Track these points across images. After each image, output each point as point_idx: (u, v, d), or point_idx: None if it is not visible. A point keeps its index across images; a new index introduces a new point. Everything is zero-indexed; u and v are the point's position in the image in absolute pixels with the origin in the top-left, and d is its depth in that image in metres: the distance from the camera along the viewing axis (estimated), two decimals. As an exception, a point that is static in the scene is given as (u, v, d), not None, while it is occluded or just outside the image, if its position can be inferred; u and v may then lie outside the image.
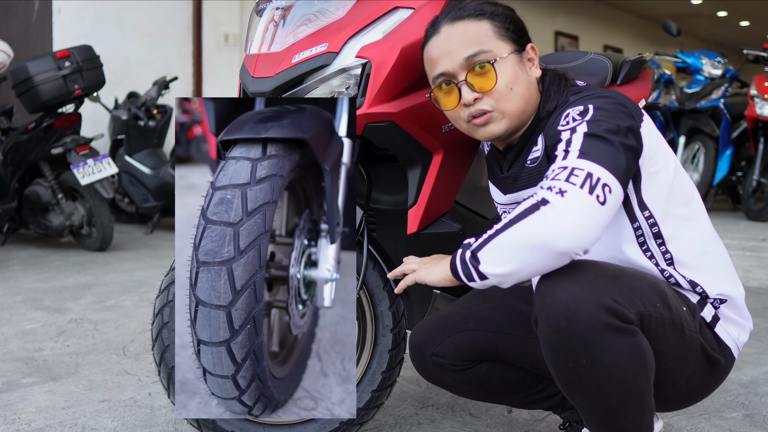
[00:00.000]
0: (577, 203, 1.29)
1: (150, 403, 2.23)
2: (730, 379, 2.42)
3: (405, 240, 1.78)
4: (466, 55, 1.48)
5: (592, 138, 1.37)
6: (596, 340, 1.30)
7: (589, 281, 1.31)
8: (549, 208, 1.29)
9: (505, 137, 1.55)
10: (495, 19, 1.50)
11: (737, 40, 16.75)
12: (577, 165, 1.33)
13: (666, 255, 1.51)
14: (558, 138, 1.41)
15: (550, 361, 1.37)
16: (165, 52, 7.43)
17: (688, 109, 7.13)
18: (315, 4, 1.71)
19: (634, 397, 1.35)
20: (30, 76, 4.75)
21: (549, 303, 1.32)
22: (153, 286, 3.98)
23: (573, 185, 1.30)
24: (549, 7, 13.06)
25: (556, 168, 1.36)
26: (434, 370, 1.68)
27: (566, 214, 1.28)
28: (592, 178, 1.31)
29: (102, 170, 4.83)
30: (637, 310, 1.34)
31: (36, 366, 2.59)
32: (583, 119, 1.40)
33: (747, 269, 4.46)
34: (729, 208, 7.88)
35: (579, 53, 1.96)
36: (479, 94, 1.48)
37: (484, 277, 1.37)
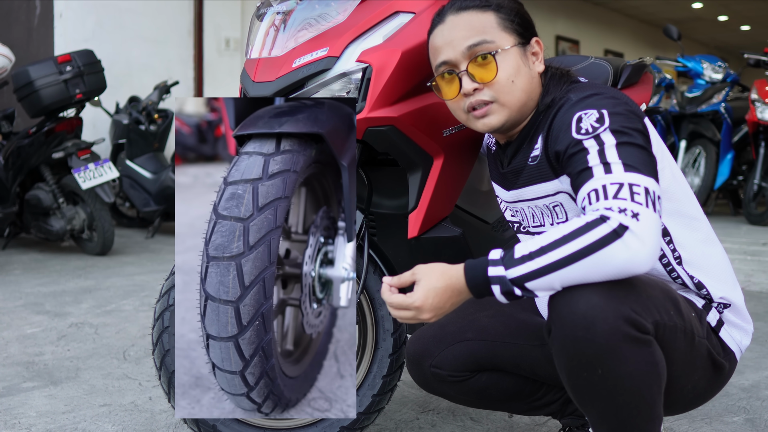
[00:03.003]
0: (651, 225, 1.25)
1: (150, 408, 2.22)
2: (731, 384, 2.42)
3: (405, 244, 1.78)
4: (468, 44, 1.47)
5: (625, 147, 1.33)
6: (613, 351, 1.27)
7: (607, 290, 1.28)
8: (630, 236, 1.23)
9: (504, 130, 1.53)
10: (500, 11, 1.50)
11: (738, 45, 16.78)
12: (632, 180, 1.29)
13: (675, 253, 1.50)
14: (580, 146, 1.36)
15: (564, 370, 1.35)
16: (166, 57, 7.44)
17: (689, 113, 7.14)
18: (316, 8, 1.71)
19: (646, 407, 1.34)
20: (31, 81, 4.76)
21: (566, 313, 1.29)
22: (154, 290, 3.97)
23: (641, 205, 1.26)
24: (550, 11, 13.07)
25: (607, 184, 1.30)
26: (433, 381, 1.66)
27: (646, 242, 1.23)
28: (649, 192, 1.28)
29: (103, 174, 4.84)
30: (653, 320, 1.32)
31: (36, 370, 2.59)
32: (604, 126, 1.36)
33: (748, 273, 4.45)
34: (730, 212, 7.88)
35: (580, 57, 1.96)
36: (479, 84, 1.47)
37: (533, 295, 1.31)
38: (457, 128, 1.74)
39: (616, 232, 1.23)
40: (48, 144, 4.94)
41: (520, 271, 1.28)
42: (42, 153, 4.96)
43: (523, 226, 1.66)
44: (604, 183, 1.30)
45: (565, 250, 1.25)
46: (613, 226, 1.23)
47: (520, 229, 1.69)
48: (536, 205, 1.56)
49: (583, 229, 1.25)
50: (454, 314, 1.67)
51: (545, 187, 1.51)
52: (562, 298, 1.30)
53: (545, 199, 1.53)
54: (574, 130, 1.39)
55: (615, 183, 1.29)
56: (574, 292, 1.29)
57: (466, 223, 1.89)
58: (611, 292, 1.28)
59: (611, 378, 1.30)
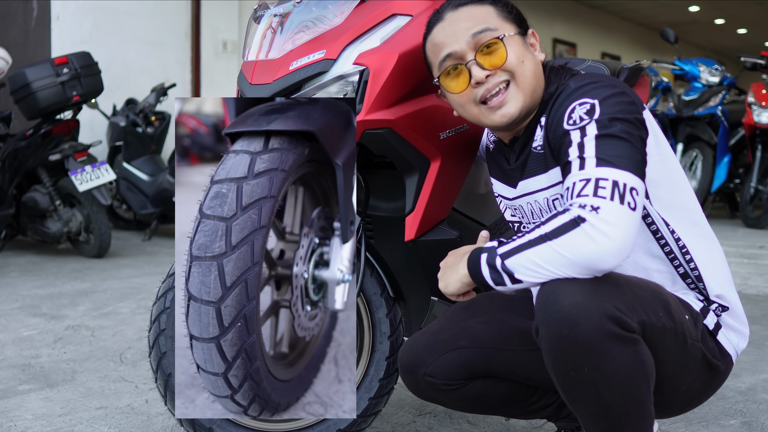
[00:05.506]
0: (615, 218, 1.27)
1: (147, 411, 2.22)
2: (728, 387, 2.42)
3: (402, 247, 1.78)
4: (472, 32, 1.47)
5: (604, 139, 1.35)
6: (598, 349, 1.29)
7: (591, 289, 1.29)
8: (589, 227, 1.26)
9: (518, 121, 1.52)
10: (497, 4, 1.52)
11: (735, 48, 16.80)
12: (600, 175, 1.31)
13: (679, 242, 1.51)
14: (567, 138, 1.39)
15: (552, 369, 1.36)
16: (163, 59, 7.44)
17: (686, 116, 7.15)
18: (313, 11, 1.71)
19: (635, 405, 1.34)
20: (28, 83, 4.75)
21: (551, 311, 1.31)
22: (150, 293, 3.97)
23: (603, 199, 1.28)
24: (547, 14, 13.09)
25: (577, 181, 1.33)
26: (427, 390, 1.64)
27: (611, 234, 1.26)
28: (618, 186, 1.30)
29: (100, 177, 4.83)
30: (639, 319, 1.33)
31: (33, 373, 2.59)
32: (591, 118, 1.38)
33: (745, 276, 4.46)
34: (727, 215, 7.89)
35: (577, 60, 1.96)
36: (491, 70, 1.47)
37: (517, 282, 1.35)
38: (455, 131, 1.74)
39: (574, 221, 1.28)
40: (45, 146, 4.94)
41: (505, 248, 1.36)
42: (39, 155, 4.95)
43: (523, 225, 1.67)
44: (574, 180, 1.34)
45: (536, 233, 1.33)
46: (572, 216, 1.29)
47: (520, 229, 1.69)
48: (536, 200, 1.57)
49: (551, 217, 1.32)
50: (446, 321, 1.66)
51: (549, 176, 1.52)
52: (547, 297, 1.32)
53: (548, 190, 1.53)
54: (566, 120, 1.42)
55: (583, 179, 1.33)
56: (558, 292, 1.30)
57: (463, 226, 1.89)
58: (595, 290, 1.29)
59: (598, 376, 1.31)
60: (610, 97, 1.40)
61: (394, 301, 1.87)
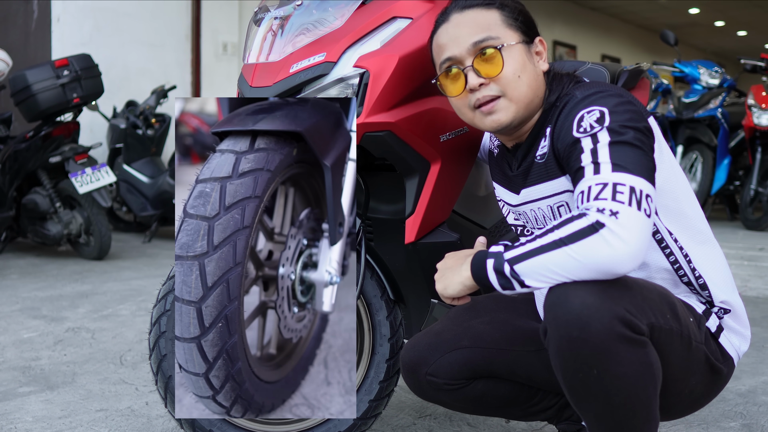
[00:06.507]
0: (633, 224, 1.27)
1: (147, 413, 2.22)
2: (728, 389, 2.42)
3: (402, 249, 1.78)
4: (473, 41, 1.47)
5: (618, 146, 1.35)
6: (608, 351, 1.28)
7: (601, 291, 1.29)
8: (607, 233, 1.26)
9: (512, 128, 1.52)
10: (504, 9, 1.51)
11: (735, 50, 16.81)
12: (617, 180, 1.31)
13: (683, 251, 1.51)
14: (578, 146, 1.39)
15: (560, 370, 1.35)
16: (164, 61, 7.44)
17: (686, 118, 7.15)
18: (313, 13, 1.71)
19: (642, 408, 1.34)
20: (28, 85, 4.75)
21: (561, 313, 1.30)
22: (151, 295, 3.97)
23: (621, 204, 1.28)
24: (547, 16, 13.10)
25: (593, 184, 1.32)
26: (428, 390, 1.65)
27: (627, 239, 1.25)
28: (635, 192, 1.29)
29: (100, 179, 4.83)
30: (648, 322, 1.33)
31: (33, 375, 2.59)
32: (602, 126, 1.38)
33: (745, 278, 4.46)
34: (727, 217, 7.89)
35: (577, 63, 1.96)
36: (485, 79, 1.47)
37: (526, 287, 1.34)
38: (455, 133, 1.74)
39: (593, 227, 1.27)
40: (45, 148, 4.94)
41: (513, 253, 1.34)
42: (39, 157, 4.95)
43: (527, 228, 1.67)
44: (590, 184, 1.33)
45: (549, 238, 1.31)
46: (590, 221, 1.27)
47: (524, 232, 1.69)
48: (540, 207, 1.57)
49: (565, 222, 1.30)
50: (449, 321, 1.67)
51: (553, 185, 1.51)
52: (557, 299, 1.31)
53: (551, 198, 1.53)
54: (575, 128, 1.41)
55: (600, 183, 1.32)
56: (569, 293, 1.30)
57: (464, 228, 1.89)
58: (606, 292, 1.29)
59: (607, 378, 1.31)
60: (619, 106, 1.40)
61: (394, 304, 1.87)
